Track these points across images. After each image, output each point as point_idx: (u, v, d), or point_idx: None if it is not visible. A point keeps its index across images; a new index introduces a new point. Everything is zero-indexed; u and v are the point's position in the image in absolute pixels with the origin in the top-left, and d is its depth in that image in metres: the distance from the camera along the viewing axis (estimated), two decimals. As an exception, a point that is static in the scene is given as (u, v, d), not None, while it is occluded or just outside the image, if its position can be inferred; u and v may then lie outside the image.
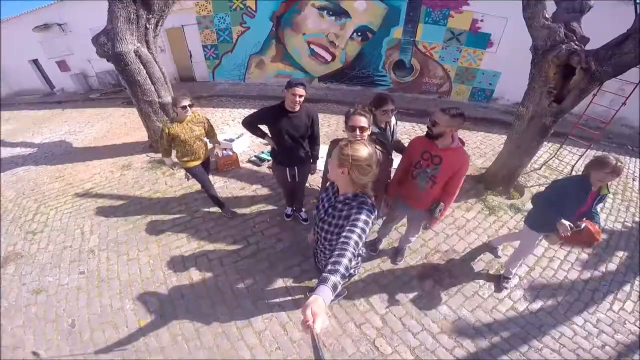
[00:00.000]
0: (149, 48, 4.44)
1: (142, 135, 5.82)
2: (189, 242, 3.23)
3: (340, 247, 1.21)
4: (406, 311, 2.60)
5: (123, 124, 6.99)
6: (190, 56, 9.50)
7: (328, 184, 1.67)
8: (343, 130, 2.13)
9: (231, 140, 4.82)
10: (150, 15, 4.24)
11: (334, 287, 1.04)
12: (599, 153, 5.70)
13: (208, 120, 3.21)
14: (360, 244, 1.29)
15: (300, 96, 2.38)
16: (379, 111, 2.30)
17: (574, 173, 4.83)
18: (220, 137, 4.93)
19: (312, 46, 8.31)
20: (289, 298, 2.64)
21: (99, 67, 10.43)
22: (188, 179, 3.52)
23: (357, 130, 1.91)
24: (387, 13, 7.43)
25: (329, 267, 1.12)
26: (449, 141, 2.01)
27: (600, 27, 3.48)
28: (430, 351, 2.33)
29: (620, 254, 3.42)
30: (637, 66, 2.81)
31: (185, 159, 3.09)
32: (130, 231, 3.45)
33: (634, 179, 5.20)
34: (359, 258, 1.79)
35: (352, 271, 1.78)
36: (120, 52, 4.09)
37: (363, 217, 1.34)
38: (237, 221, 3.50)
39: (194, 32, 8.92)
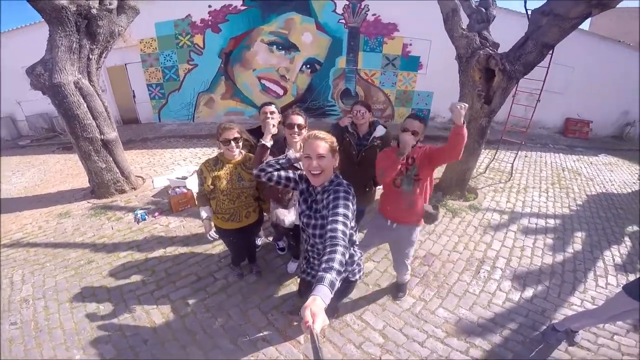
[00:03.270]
0: (90, 80, 4.13)
1: (81, 181, 5.23)
2: (144, 284, 2.82)
3: (330, 243, 1.20)
4: (404, 321, 2.48)
5: (58, 171, 6.25)
6: (134, 96, 9.08)
7: (299, 190, 1.65)
8: None
9: (184, 178, 4.50)
10: (94, 46, 4.02)
11: (331, 285, 1.02)
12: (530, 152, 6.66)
13: None
14: (348, 232, 1.28)
15: (272, 113, 2.39)
16: (352, 111, 2.51)
17: (513, 171, 5.41)
18: (171, 176, 4.63)
19: (263, 81, 8.56)
20: (274, 330, 2.37)
21: (29, 110, 9.38)
22: (214, 237, 2.27)
23: (295, 127, 2.06)
24: (331, 44, 8.05)
25: (323, 265, 1.10)
26: None
27: (504, 34, 4.18)
28: (444, 357, 2.21)
29: (579, 234, 3.81)
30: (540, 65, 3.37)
31: (219, 216, 2.24)
32: (72, 278, 2.94)
33: (563, 169, 5.99)
34: (359, 254, 1.70)
35: (357, 277, 1.69)
36: (59, 84, 3.75)
37: (341, 201, 1.35)
38: (199, 258, 3.18)
39: (137, 70, 8.64)
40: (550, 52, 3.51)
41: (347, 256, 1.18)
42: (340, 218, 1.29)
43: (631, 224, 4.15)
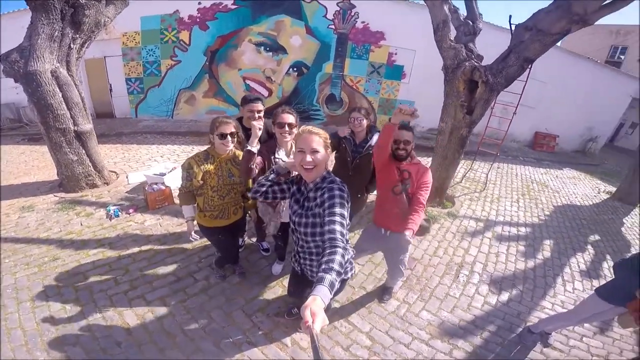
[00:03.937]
0: (69, 70, 3.91)
1: (48, 174, 4.89)
2: (117, 284, 2.65)
3: (330, 244, 1.20)
4: (390, 324, 2.51)
5: (22, 162, 5.80)
6: (111, 90, 8.67)
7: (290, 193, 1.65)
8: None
9: (162, 175, 4.30)
10: (77, 35, 3.82)
11: (331, 285, 1.02)
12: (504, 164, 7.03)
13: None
14: (345, 231, 1.28)
15: (259, 111, 2.32)
16: (350, 118, 2.50)
17: (488, 181, 5.68)
18: (148, 172, 4.44)
19: (248, 81, 8.45)
20: (259, 332, 2.30)
21: (-6, 100, 8.71)
22: (196, 238, 2.25)
23: (286, 126, 2.03)
24: (320, 49, 8.11)
25: (323, 266, 1.10)
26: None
27: (486, 48, 4.39)
28: (430, 359, 2.26)
29: (547, 242, 4.07)
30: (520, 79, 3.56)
31: (206, 213, 2.14)
32: (34, 275, 2.71)
33: (532, 182, 6.37)
34: (351, 252, 1.68)
35: (349, 274, 1.68)
36: (34, 72, 3.55)
37: (337, 200, 1.35)
38: (177, 258, 3.04)
39: (117, 63, 8.25)
40: (530, 66, 3.71)
41: (345, 257, 1.18)
42: (338, 218, 1.29)
43: (593, 234, 4.48)
